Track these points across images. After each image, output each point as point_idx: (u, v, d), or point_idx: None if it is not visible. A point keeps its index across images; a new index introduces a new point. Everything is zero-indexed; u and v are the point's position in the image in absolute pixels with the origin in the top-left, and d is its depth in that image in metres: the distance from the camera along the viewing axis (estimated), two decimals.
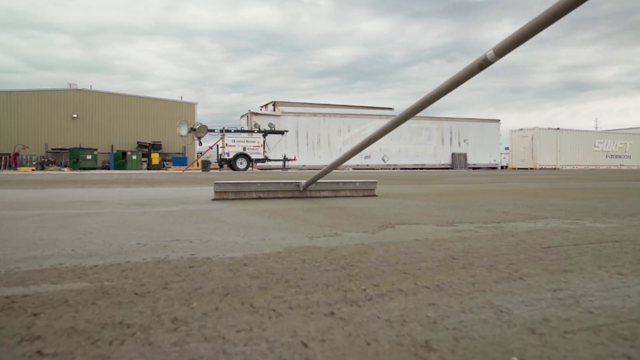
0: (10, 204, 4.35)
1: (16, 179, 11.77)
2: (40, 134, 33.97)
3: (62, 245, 2.10)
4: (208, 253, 1.90)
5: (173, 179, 11.90)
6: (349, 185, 5.25)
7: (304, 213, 3.54)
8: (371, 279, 1.48)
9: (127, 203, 4.32)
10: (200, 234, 2.44)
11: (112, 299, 1.23)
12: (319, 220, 3.11)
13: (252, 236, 2.38)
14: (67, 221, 2.99)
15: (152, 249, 2.00)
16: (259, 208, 3.86)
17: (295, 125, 30.26)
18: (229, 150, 24.31)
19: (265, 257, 1.81)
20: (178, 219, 3.09)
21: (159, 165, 31.50)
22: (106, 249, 2.00)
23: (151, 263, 1.70)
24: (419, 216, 3.36)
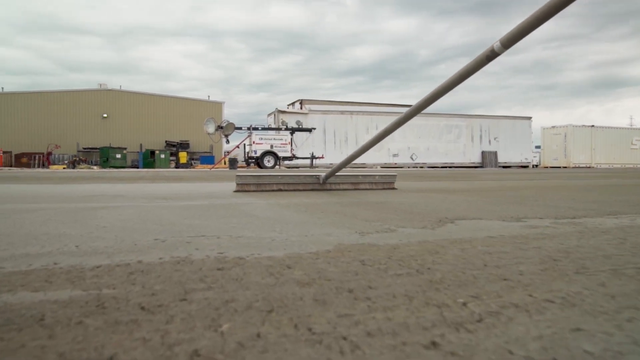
0: (29, 197, 4.06)
1: (45, 175, 11.67)
2: (71, 133, 34.37)
3: (66, 240, 1.75)
4: (240, 251, 1.51)
5: (200, 176, 11.64)
6: (369, 179, 5.19)
7: (342, 207, 3.14)
8: (464, 288, 1.07)
9: (150, 197, 3.99)
10: (230, 229, 2.06)
11: (108, 317, 0.85)
12: (362, 214, 2.71)
13: (291, 231, 1.99)
14: (81, 215, 2.66)
15: (172, 245, 1.63)
16: (292, 202, 3.48)
17: (323, 123, 29.88)
18: (256, 148, 24.06)
19: (312, 257, 1.42)
20: (204, 213, 2.73)
21: (187, 163, 31.53)
22: (117, 245, 1.64)
23: (169, 263, 1.32)
24: (475, 211, 2.93)
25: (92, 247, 1.59)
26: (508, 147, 33.61)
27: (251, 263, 1.33)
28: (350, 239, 1.81)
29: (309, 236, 1.87)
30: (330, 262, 1.34)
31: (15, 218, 2.49)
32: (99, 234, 1.92)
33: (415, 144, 31.58)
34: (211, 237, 1.82)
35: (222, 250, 1.54)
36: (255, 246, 1.62)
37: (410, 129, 31.43)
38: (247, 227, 2.13)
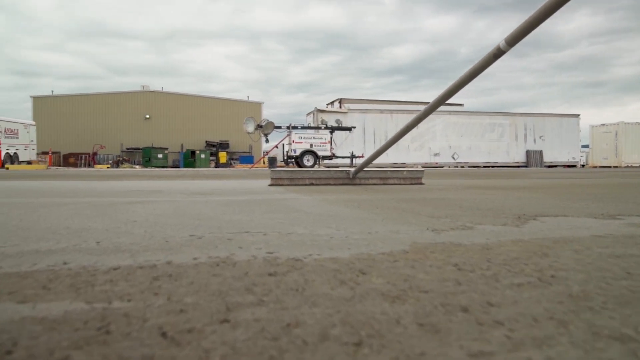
0: (67, 192, 3.88)
1: (88, 173, 11.74)
2: (116, 134, 35.08)
3: (87, 235, 1.48)
4: (294, 251, 1.20)
5: (240, 174, 11.46)
6: (397, 174, 5.29)
7: (397, 203, 2.80)
8: (630, 307, 0.72)
9: (188, 193, 3.74)
10: (277, 225, 1.75)
11: (109, 349, 0.55)
12: (423, 210, 2.37)
13: (350, 228, 1.67)
14: (113, 209, 2.41)
15: (210, 243, 1.33)
16: (341, 198, 3.17)
17: (362, 122, 29.46)
18: (295, 147, 23.83)
19: (389, 260, 1.09)
20: (245, 208, 2.44)
21: (227, 163, 31.69)
22: (144, 242, 1.35)
23: (205, 265, 1.02)
24: (552, 208, 2.54)
25: (114, 244, 1.31)
26: (554, 146, 32.34)
27: (312, 267, 1.01)
28: (424, 237, 1.47)
29: (373, 233, 1.55)
30: (414, 267, 1.01)
31: (42, 212, 2.26)
32: (126, 228, 1.65)
33: (457, 142, 30.78)
34: (256, 234, 1.52)
35: (272, 249, 1.23)
36: (311, 245, 1.30)
37: (452, 127, 30.70)
38: (296, 223, 1.82)
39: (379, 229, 1.65)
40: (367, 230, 1.61)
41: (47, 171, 15.22)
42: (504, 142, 31.71)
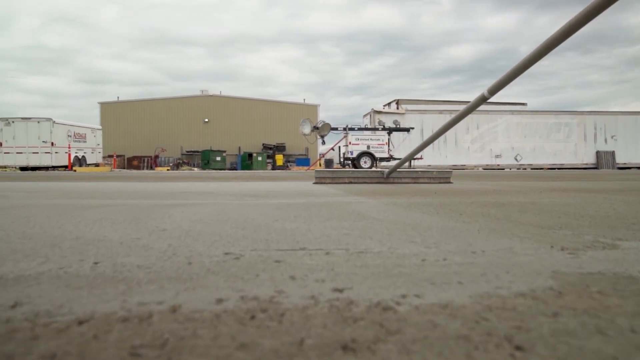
0: (112, 193, 3.62)
1: (148, 175, 11.77)
2: (176, 137, 35.89)
3: (91, 251, 1.10)
4: (375, 286, 0.76)
5: (296, 176, 11.14)
6: (427, 174, 5.81)
7: (483, 208, 2.31)
8: None
9: (239, 195, 3.38)
10: (343, 238, 1.32)
11: None
12: (524, 218, 1.87)
13: (444, 244, 1.21)
14: (147, 213, 2.05)
15: (250, 267, 0.92)
16: (412, 202, 2.70)
17: (420, 123, 28.63)
18: (352, 148, 23.35)
19: (543, 312, 0.63)
20: (302, 213, 2.02)
21: (283, 165, 31.69)
22: (159, 263, 0.95)
23: (232, 318, 0.60)
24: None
25: (115, 267, 0.91)
26: (628, 147, 30.24)
27: (414, 325, 0.57)
28: (561, 261, 1.00)
29: (478, 253, 1.08)
30: (603, 331, 0.55)
31: (69, 216, 1.93)
32: (147, 241, 1.26)
33: (520, 143, 29.37)
34: (316, 253, 1.09)
35: (340, 281, 0.79)
36: (398, 274, 0.86)
37: (515, 127, 29.37)
38: (368, 235, 1.38)
39: (482, 246, 1.18)
40: (467, 248, 1.15)
41: (110, 173, 15.52)
42: (571, 143, 29.96)
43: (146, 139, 35.92)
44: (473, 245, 1.20)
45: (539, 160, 29.74)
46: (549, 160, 29.82)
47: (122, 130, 36.19)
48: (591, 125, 30.15)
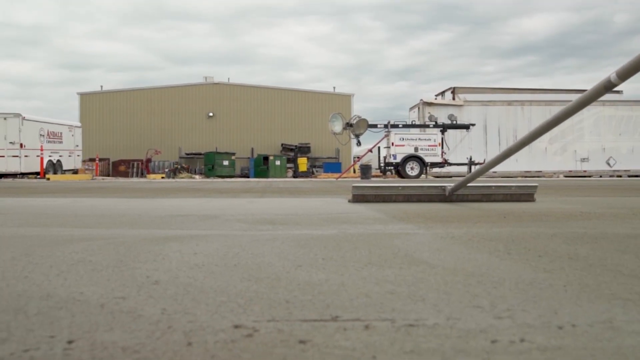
0: (90, 217, 3.67)
1: (137, 187, 11.94)
2: (173, 136, 36.32)
3: (61, 324, 1.09)
4: None
5: (324, 187, 11.13)
6: (503, 190, 5.50)
7: (569, 245, 2.25)
8: None
9: (251, 220, 3.38)
10: (386, 300, 1.29)
11: None
12: (627, 264, 1.81)
13: (518, 311, 1.17)
14: (136, 252, 2.06)
15: (267, 350, 0.89)
16: (473, 233, 2.65)
17: (483, 117, 28.35)
18: (395, 151, 23.23)
19: None
20: (332, 254, 2.00)
21: (307, 172, 31.74)
22: (150, 344, 0.94)
23: None
24: None
25: (92, 350, 0.90)
26: None
27: None
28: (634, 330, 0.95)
29: (567, 329, 1.04)
30: None
31: (38, 254, 1.96)
32: (135, 302, 1.25)
33: (614, 143, 28.78)
34: (352, 328, 1.06)
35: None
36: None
37: (607, 123, 28.81)
38: (420, 294, 1.34)
39: (574, 318, 1.13)
40: (552, 319, 1.11)
41: (91, 183, 15.81)
42: None
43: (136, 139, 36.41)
44: (560, 314, 1.15)
45: (639, 164, 29.13)
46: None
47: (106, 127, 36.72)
48: None
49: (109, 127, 37.18)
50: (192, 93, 37.80)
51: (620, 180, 20.56)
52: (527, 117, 29.15)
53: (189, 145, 36.74)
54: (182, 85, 38.11)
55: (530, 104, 29.49)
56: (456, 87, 30.98)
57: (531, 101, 29.78)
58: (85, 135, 30.82)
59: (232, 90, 38.18)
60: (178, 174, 29.31)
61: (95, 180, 21.33)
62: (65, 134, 27.63)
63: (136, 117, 36.97)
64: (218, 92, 37.95)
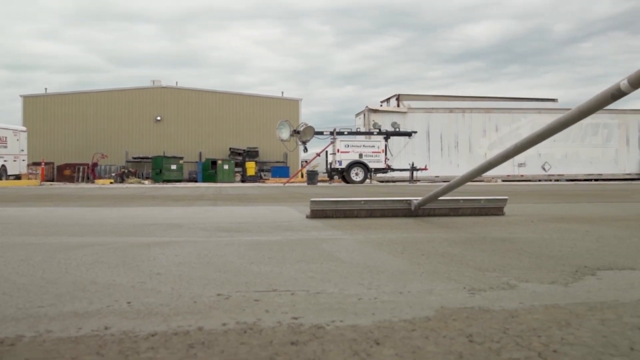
0: (72, 226, 4.40)
1: (90, 193, 12.50)
2: (120, 140, 36.49)
3: (117, 293, 1.91)
4: (319, 317, 1.58)
5: (271, 194, 11.97)
6: (472, 203, 5.41)
7: (449, 247, 3.14)
8: None
9: (211, 229, 4.19)
10: (307, 281, 2.14)
11: None
12: (476, 259, 2.71)
13: (383, 286, 2.04)
14: (132, 254, 2.86)
15: (238, 305, 1.73)
16: (386, 238, 3.53)
17: (426, 124, 29.68)
18: (341, 157, 24.31)
19: (407, 329, 1.46)
20: (276, 255, 2.84)
21: (255, 176, 32.43)
22: (174, 302, 1.77)
23: (234, 332, 1.41)
24: (629, 255, 2.82)
25: (145, 305, 1.72)
26: None
27: (332, 335, 1.39)
28: (456, 299, 1.83)
29: (404, 294, 1.91)
30: (429, 337, 1.37)
31: (60, 257, 2.73)
32: (152, 284, 2.07)
33: (549, 149, 30.51)
34: (284, 293, 1.91)
35: (297, 313, 1.61)
36: (337, 309, 1.68)
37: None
38: (328, 278, 2.20)
39: (412, 288, 2.01)
40: (399, 290, 1.98)
41: (40, 190, 16.20)
42: (611, 148, 31.27)
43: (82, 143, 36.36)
44: (405, 287, 2.03)
45: (572, 169, 30.99)
46: (583, 169, 31.07)
47: (50, 131, 36.50)
48: (635, 127, 31.50)
49: (53, 130, 36.91)
50: (140, 97, 37.93)
51: (560, 186, 22.05)
52: (468, 124, 30.61)
53: (136, 149, 36.89)
54: (130, 88, 38.21)
55: (471, 111, 30.93)
56: (401, 94, 32.23)
57: (472, 108, 31.23)
58: (28, 138, 30.68)
59: (180, 94, 38.50)
60: (126, 179, 29.56)
61: (44, 186, 21.54)
62: (10, 139, 27.62)
63: (81, 121, 36.86)
64: (166, 96, 38.21)
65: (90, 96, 37.26)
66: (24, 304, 1.74)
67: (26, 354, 1.25)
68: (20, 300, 1.80)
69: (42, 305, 1.73)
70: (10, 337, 1.38)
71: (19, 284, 2.08)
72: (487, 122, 30.75)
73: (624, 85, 2.61)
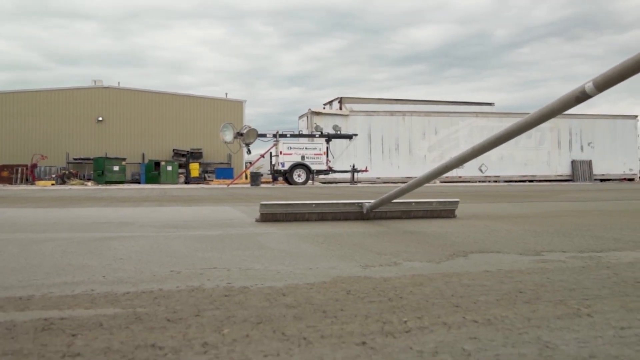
0: (33, 225, 4.90)
1: (35, 195, 12.76)
2: (60, 141, 36.12)
3: (91, 271, 2.49)
4: (246, 282, 2.22)
5: (215, 195, 12.51)
6: (424, 206, 5.51)
7: (364, 238, 3.80)
8: (417, 311, 1.74)
9: (159, 226, 4.76)
10: (240, 262, 2.77)
11: (145, 324, 1.56)
12: (380, 247, 3.37)
13: (298, 265, 2.68)
14: (95, 245, 3.42)
15: (187, 276, 2.35)
16: (312, 232, 4.17)
17: (367, 127, 30.59)
18: (284, 159, 24.94)
19: (307, 288, 2.11)
20: (217, 245, 3.45)
21: (199, 177, 32.68)
22: (138, 276, 2.37)
23: (185, 291, 2.03)
24: (504, 243, 3.54)
25: (117, 277, 2.32)
26: (607, 155, 33.51)
27: (253, 291, 2.03)
28: (351, 271, 2.49)
29: (313, 269, 2.56)
30: (320, 292, 2.03)
31: (34, 249, 3.28)
32: (118, 265, 2.66)
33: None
34: (222, 270, 2.53)
35: (231, 281, 2.24)
36: (260, 278, 2.32)
37: (479, 132, 31.74)
38: (257, 260, 2.83)
39: (320, 265, 2.66)
40: (310, 267, 2.63)
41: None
42: (543, 151, 32.88)
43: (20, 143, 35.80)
44: (315, 265, 2.67)
45: (507, 171, 32.43)
46: (518, 171, 32.56)
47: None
48: (566, 130, 33.20)
49: None
50: (81, 97, 37.57)
51: (498, 187, 23.20)
52: (408, 127, 31.63)
53: (77, 151, 36.56)
54: (70, 88, 37.79)
55: (411, 115, 31.97)
56: (343, 97, 33.07)
57: (412, 112, 32.28)
58: None
59: (123, 94, 38.34)
60: (68, 181, 29.39)
61: None
62: None
63: (19, 121, 36.27)
64: (108, 96, 37.98)
65: (30, 95, 36.69)
66: (22, 279, 2.32)
67: (41, 303, 1.84)
68: (18, 277, 2.37)
69: (37, 279, 2.31)
70: (25, 296, 1.96)
71: (9, 268, 2.64)
72: (427, 125, 31.87)
73: (589, 88, 2.58)
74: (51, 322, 1.59)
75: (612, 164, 33.80)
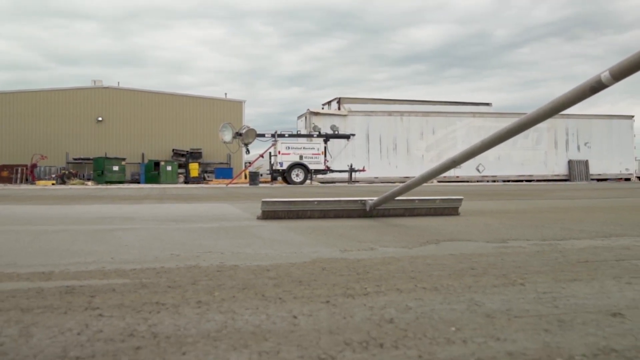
0: (42, 219, 5.24)
1: (37, 194, 13.11)
2: (60, 141, 36.40)
3: (101, 254, 2.83)
4: (237, 262, 2.56)
5: (214, 194, 12.85)
6: (427, 204, 5.49)
7: (351, 230, 4.14)
8: (378, 281, 2.08)
9: (160, 220, 5.10)
10: (233, 248, 3.11)
11: (150, 289, 1.90)
12: (364, 237, 3.71)
13: (285, 250, 3.03)
14: (101, 235, 3.76)
15: (185, 258, 2.69)
16: (303, 225, 4.51)
17: (366, 127, 30.91)
18: (282, 159, 25.28)
19: (289, 266, 2.45)
20: (212, 235, 3.80)
21: (199, 177, 32.98)
22: (142, 258, 2.71)
23: (183, 268, 2.37)
24: (477, 234, 3.88)
25: (123, 259, 2.67)
26: (603, 155, 33.85)
27: (242, 268, 2.37)
28: (331, 255, 2.83)
29: (297, 253, 2.90)
30: (299, 269, 2.37)
31: (47, 237, 3.62)
32: (123, 250, 3.00)
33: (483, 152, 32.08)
34: (216, 253, 2.87)
35: (224, 261, 2.59)
36: (250, 259, 2.66)
37: (477, 132, 32.04)
38: (248, 246, 3.17)
39: (305, 250, 3.00)
40: (295, 251, 2.97)
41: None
42: (540, 151, 33.20)
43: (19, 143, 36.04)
44: (300, 250, 3.01)
45: (505, 171, 32.76)
46: (515, 171, 32.88)
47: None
48: (562, 131, 33.52)
49: None
50: (81, 97, 37.79)
51: (495, 186, 23.53)
52: (406, 127, 31.95)
53: (76, 151, 36.80)
54: (70, 88, 38.00)
55: (409, 115, 32.28)
56: (342, 97, 33.40)
57: (410, 112, 32.59)
58: None
59: (122, 94, 38.56)
60: (68, 181, 29.71)
61: None
62: None
63: (19, 121, 36.51)
64: (107, 97, 38.20)
65: (30, 96, 36.91)
66: (41, 260, 2.66)
67: (61, 276, 2.19)
68: (37, 259, 2.72)
69: (53, 260, 2.65)
70: (47, 272, 2.31)
71: (27, 252, 2.98)
72: (425, 125, 32.18)
73: (605, 78, 2.49)
74: (72, 287, 1.94)
75: (609, 163, 34.13)
